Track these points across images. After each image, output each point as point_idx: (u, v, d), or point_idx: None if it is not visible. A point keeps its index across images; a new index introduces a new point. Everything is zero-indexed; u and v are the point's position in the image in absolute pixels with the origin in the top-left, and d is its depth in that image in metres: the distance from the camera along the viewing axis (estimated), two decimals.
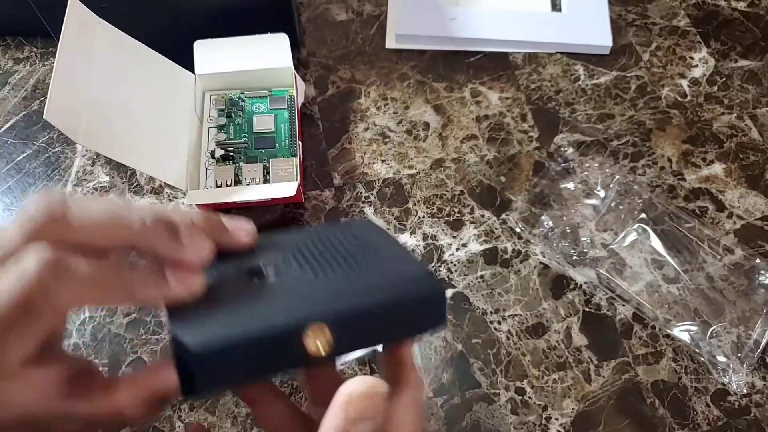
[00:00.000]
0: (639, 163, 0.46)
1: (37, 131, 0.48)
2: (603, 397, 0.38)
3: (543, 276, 0.42)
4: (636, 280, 0.42)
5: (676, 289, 0.41)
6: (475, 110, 0.49)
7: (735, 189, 0.45)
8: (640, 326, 0.40)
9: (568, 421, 0.38)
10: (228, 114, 0.47)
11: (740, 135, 0.47)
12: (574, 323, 0.41)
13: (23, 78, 0.51)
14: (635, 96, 0.49)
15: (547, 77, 0.50)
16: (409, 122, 0.48)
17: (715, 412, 0.38)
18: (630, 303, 0.41)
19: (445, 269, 0.43)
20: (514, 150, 0.47)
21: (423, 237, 0.44)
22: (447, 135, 0.48)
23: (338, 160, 0.47)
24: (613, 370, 0.39)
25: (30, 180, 0.46)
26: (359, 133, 0.48)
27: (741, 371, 0.38)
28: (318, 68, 0.51)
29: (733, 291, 0.41)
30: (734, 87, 0.49)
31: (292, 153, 0.45)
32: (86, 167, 0.47)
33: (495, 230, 0.44)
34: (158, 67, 0.44)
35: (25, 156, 0.47)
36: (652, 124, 0.48)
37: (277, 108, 0.47)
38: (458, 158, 0.47)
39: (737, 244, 0.43)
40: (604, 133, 0.48)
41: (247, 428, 0.38)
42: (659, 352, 0.40)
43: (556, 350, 0.40)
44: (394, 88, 0.50)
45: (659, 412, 0.38)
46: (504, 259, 0.43)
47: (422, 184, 0.46)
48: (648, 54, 0.51)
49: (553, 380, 0.39)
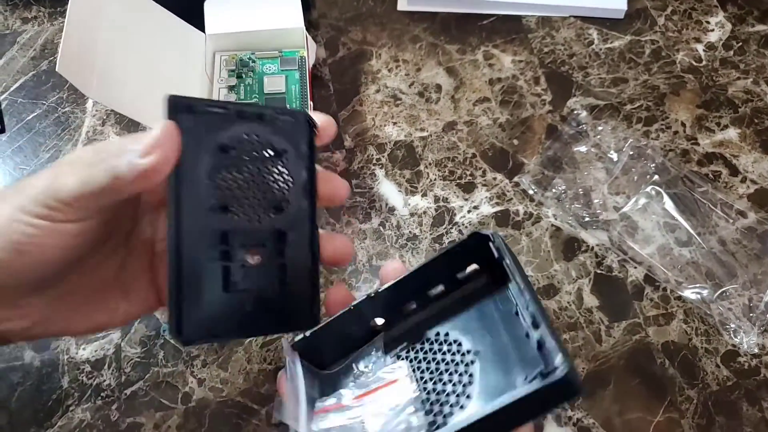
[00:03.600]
0: (652, 127, 0.46)
1: (46, 91, 0.48)
2: (613, 357, 0.39)
3: (555, 238, 0.42)
4: (648, 242, 0.41)
5: (688, 252, 0.41)
6: (487, 73, 0.48)
7: (749, 154, 0.45)
8: (652, 288, 0.40)
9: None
10: (238, 74, 0.46)
11: (756, 100, 0.47)
12: (585, 285, 0.41)
13: (31, 38, 0.51)
14: (649, 60, 0.49)
15: (560, 41, 0.50)
16: (421, 84, 0.48)
17: (724, 372, 0.38)
18: (642, 265, 0.41)
19: (457, 231, 0.43)
20: (527, 113, 0.47)
21: (434, 199, 0.44)
22: (459, 97, 0.47)
23: (349, 122, 0.47)
24: (624, 331, 0.39)
25: (40, 139, 0.46)
26: (370, 95, 0.48)
27: (752, 332, 0.38)
28: (329, 30, 0.50)
29: (746, 254, 0.41)
30: (750, 52, 0.49)
31: None
32: (96, 127, 0.47)
33: (507, 193, 0.44)
34: (169, 26, 0.44)
35: (35, 116, 0.47)
36: (667, 89, 0.47)
37: (288, 69, 0.47)
38: (470, 121, 0.46)
39: (750, 208, 0.42)
40: (618, 97, 0.47)
41: (258, 384, 0.38)
42: (670, 313, 0.40)
43: (567, 311, 0.40)
44: (405, 50, 0.49)
45: (669, 372, 0.38)
46: (516, 222, 0.43)
47: (434, 147, 0.46)
48: (663, 18, 0.51)
49: (564, 340, 0.39)
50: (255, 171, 0.28)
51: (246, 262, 0.28)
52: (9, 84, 0.48)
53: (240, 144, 0.28)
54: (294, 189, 0.29)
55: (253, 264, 0.28)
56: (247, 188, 0.28)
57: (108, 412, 0.37)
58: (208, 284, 0.27)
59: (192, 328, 0.26)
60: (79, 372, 0.38)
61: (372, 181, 0.44)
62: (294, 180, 0.29)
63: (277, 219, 0.29)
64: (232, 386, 0.38)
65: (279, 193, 0.29)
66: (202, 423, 0.37)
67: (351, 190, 0.44)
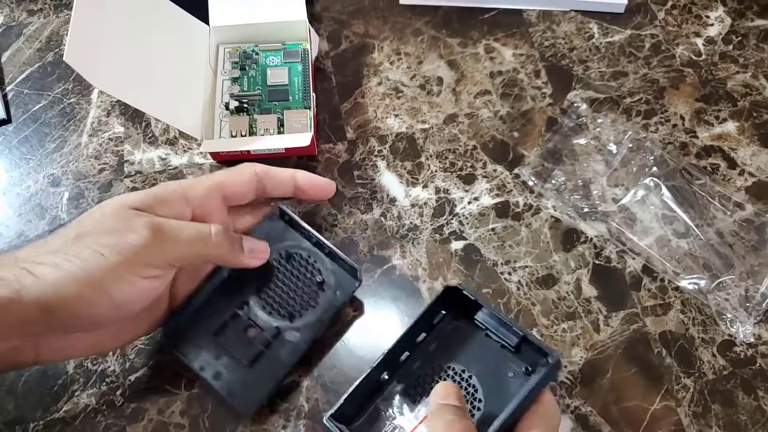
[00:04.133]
0: (651, 120, 0.46)
1: (52, 82, 0.49)
2: (611, 346, 0.39)
3: (554, 229, 0.43)
4: (646, 234, 0.42)
5: (685, 243, 0.42)
6: (488, 66, 0.49)
7: (747, 147, 0.45)
8: (650, 279, 0.41)
9: (576, 369, 0.38)
10: (242, 66, 0.47)
11: (754, 94, 0.47)
12: (584, 275, 0.41)
13: (37, 30, 0.51)
14: (649, 54, 0.49)
15: (561, 35, 0.50)
16: (423, 77, 0.48)
17: (721, 361, 0.38)
18: (640, 256, 0.41)
19: (457, 222, 0.43)
20: (528, 106, 0.47)
21: (435, 191, 0.44)
22: (460, 90, 0.48)
23: (351, 114, 0.47)
24: (622, 321, 0.40)
25: (46, 129, 0.47)
26: (372, 87, 0.48)
27: (748, 322, 0.39)
28: (331, 23, 0.51)
29: (743, 246, 0.41)
30: (750, 46, 0.49)
31: (305, 105, 0.45)
32: (101, 118, 0.47)
33: (507, 184, 0.44)
34: (174, 18, 0.44)
35: (40, 106, 0.48)
36: (666, 83, 0.48)
37: (291, 61, 0.47)
38: (471, 113, 0.47)
39: (748, 201, 0.43)
40: (617, 91, 0.48)
41: None
42: (667, 304, 0.40)
43: (565, 300, 0.40)
44: (407, 43, 0.50)
45: (666, 361, 0.38)
46: (515, 213, 0.43)
47: (435, 139, 0.46)
48: (663, 12, 0.51)
49: (562, 329, 0.40)
50: (297, 282, 0.38)
51: (242, 331, 0.37)
52: (15, 75, 0.49)
53: (299, 257, 0.39)
54: (312, 314, 0.38)
55: (245, 335, 0.37)
56: (282, 287, 0.38)
57: (112, 398, 0.38)
58: (208, 320, 0.37)
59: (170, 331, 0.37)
60: (85, 358, 0.39)
61: (373, 173, 0.45)
62: (318, 309, 0.38)
63: (283, 322, 0.38)
64: None
65: (299, 308, 0.38)
66: (204, 408, 0.37)
67: (353, 182, 0.44)
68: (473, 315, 0.36)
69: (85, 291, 0.30)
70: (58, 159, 0.46)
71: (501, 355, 0.35)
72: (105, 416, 0.37)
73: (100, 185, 0.45)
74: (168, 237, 0.32)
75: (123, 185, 0.44)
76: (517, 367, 0.35)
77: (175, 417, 0.37)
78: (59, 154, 0.46)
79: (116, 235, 0.31)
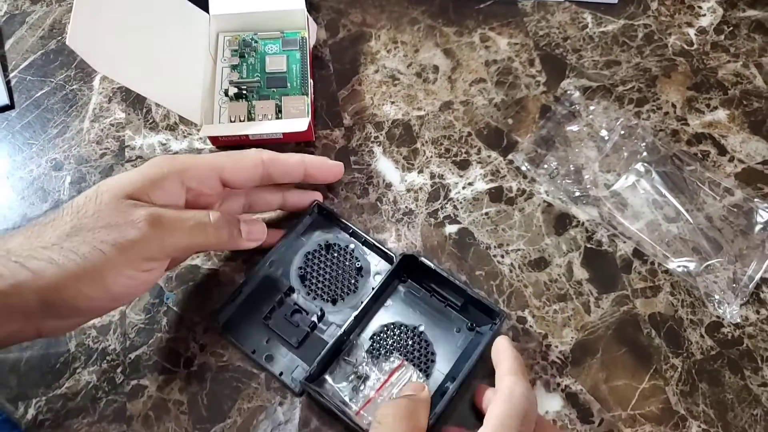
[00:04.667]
0: (643, 108, 0.47)
1: (54, 69, 0.50)
2: (601, 327, 0.40)
3: (546, 213, 0.43)
4: (637, 218, 0.43)
5: (675, 227, 0.42)
6: (484, 55, 0.50)
7: (737, 134, 0.46)
8: (640, 262, 0.42)
9: (567, 349, 0.39)
10: (241, 54, 0.48)
11: (745, 82, 0.48)
12: (575, 258, 0.42)
13: (40, 18, 0.52)
14: (642, 44, 0.50)
15: (555, 25, 0.51)
16: (419, 65, 0.49)
17: (708, 342, 0.39)
18: (630, 240, 0.42)
19: (451, 206, 0.44)
20: (522, 94, 0.48)
21: (430, 176, 0.45)
22: (456, 78, 0.49)
23: (348, 100, 0.48)
24: (612, 303, 0.41)
25: (48, 115, 0.48)
26: (369, 75, 0.49)
27: (735, 304, 0.40)
28: (329, 12, 0.52)
29: (732, 230, 0.42)
30: (741, 36, 0.50)
31: (303, 92, 0.46)
32: (103, 104, 0.48)
33: (501, 170, 0.45)
34: (175, 6, 0.45)
35: (43, 93, 0.49)
36: (658, 71, 0.49)
37: (289, 49, 0.48)
38: (466, 101, 0.48)
39: (737, 186, 0.44)
40: (610, 79, 0.48)
41: None
42: (657, 286, 0.41)
43: (557, 283, 0.41)
44: (404, 32, 0.51)
45: (655, 342, 0.39)
46: (509, 198, 0.44)
47: (430, 125, 0.47)
48: (656, 3, 0.52)
49: (553, 311, 0.40)
50: (337, 269, 0.41)
51: (289, 315, 0.39)
52: (18, 62, 0.50)
53: (338, 247, 0.42)
54: (353, 297, 0.40)
55: (292, 319, 0.39)
56: (324, 274, 0.41)
57: (113, 375, 0.39)
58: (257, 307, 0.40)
59: (223, 320, 0.39)
60: (86, 336, 0.40)
61: (370, 158, 0.46)
62: (358, 292, 0.40)
63: (327, 306, 0.40)
64: (232, 352, 0.39)
65: (340, 292, 0.40)
66: (203, 386, 0.38)
67: (349, 167, 0.45)
68: (424, 280, 0.40)
69: (84, 288, 0.30)
70: (61, 144, 0.46)
71: (448, 313, 0.40)
72: (105, 393, 0.38)
73: (102, 169, 0.45)
74: (167, 229, 0.32)
75: (124, 170, 0.45)
76: (462, 323, 0.39)
77: (174, 394, 0.38)
78: (61, 139, 0.47)
79: (115, 230, 0.31)
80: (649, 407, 0.37)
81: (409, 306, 0.40)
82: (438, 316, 0.39)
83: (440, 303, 0.40)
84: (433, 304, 0.40)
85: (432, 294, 0.40)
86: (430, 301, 0.40)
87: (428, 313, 0.40)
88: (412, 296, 0.40)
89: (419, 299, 0.40)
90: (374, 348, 0.38)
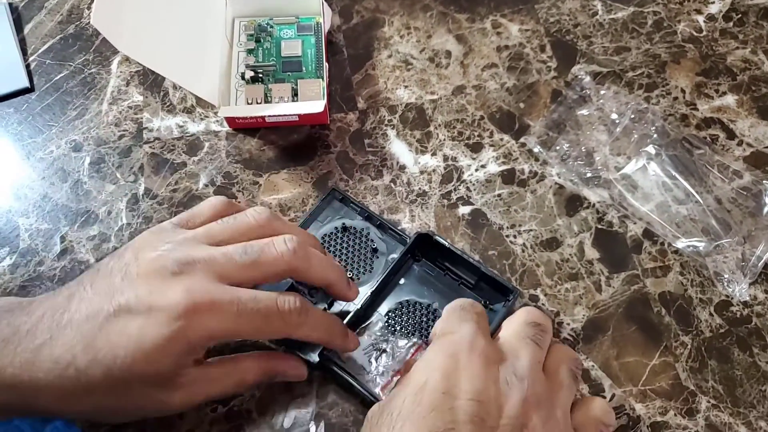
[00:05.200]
0: (653, 93, 0.48)
1: (73, 53, 0.50)
2: (612, 306, 0.41)
3: (558, 195, 0.44)
4: (647, 200, 0.43)
5: (685, 209, 0.43)
6: (495, 41, 0.50)
7: (746, 119, 0.47)
8: (650, 242, 0.42)
9: (578, 326, 0.40)
10: (257, 39, 0.49)
11: (753, 68, 0.49)
12: (586, 239, 0.43)
13: (58, 3, 0.53)
14: (651, 30, 0.51)
15: (565, 11, 0.52)
16: (432, 50, 0.50)
17: (717, 320, 0.40)
18: (641, 221, 0.43)
19: (464, 188, 0.45)
20: (533, 78, 0.49)
21: (443, 158, 0.46)
22: (468, 63, 0.49)
23: (362, 85, 0.49)
24: (623, 282, 0.41)
25: (68, 98, 0.48)
26: (383, 59, 0.50)
27: (744, 283, 0.40)
28: None
29: (740, 212, 0.43)
30: (750, 23, 0.51)
31: (318, 75, 0.47)
32: (121, 87, 0.49)
33: (513, 153, 0.46)
34: None
35: (62, 76, 0.49)
36: (668, 57, 0.49)
37: (304, 34, 0.49)
38: (479, 85, 0.48)
39: (746, 169, 0.44)
40: (620, 65, 0.49)
41: None
42: (667, 266, 0.42)
43: (568, 262, 0.42)
44: (417, 18, 0.51)
45: (665, 320, 0.40)
46: (521, 180, 0.45)
47: (443, 109, 0.48)
48: None
49: (565, 289, 0.41)
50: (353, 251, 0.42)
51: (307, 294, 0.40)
52: (38, 46, 0.51)
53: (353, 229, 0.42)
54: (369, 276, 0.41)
55: (311, 298, 0.40)
56: (341, 255, 0.42)
57: None
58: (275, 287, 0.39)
59: None
60: None
61: (384, 141, 0.46)
62: (374, 272, 0.41)
63: None
64: None
65: (357, 272, 0.41)
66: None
67: (364, 150, 0.46)
68: (438, 258, 0.41)
69: (109, 418, 0.32)
70: (80, 126, 0.47)
71: (461, 291, 0.40)
72: None
73: (120, 150, 0.46)
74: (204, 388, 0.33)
75: (142, 151, 0.46)
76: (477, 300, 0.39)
77: None
78: (80, 121, 0.47)
79: (163, 392, 0.31)
80: (659, 383, 0.38)
81: (423, 284, 0.41)
82: (452, 295, 0.40)
83: (454, 281, 0.40)
84: (447, 282, 0.41)
85: (446, 273, 0.41)
86: (444, 279, 0.41)
87: (442, 291, 0.40)
88: (426, 275, 0.41)
89: (433, 278, 0.41)
90: (389, 325, 0.39)
